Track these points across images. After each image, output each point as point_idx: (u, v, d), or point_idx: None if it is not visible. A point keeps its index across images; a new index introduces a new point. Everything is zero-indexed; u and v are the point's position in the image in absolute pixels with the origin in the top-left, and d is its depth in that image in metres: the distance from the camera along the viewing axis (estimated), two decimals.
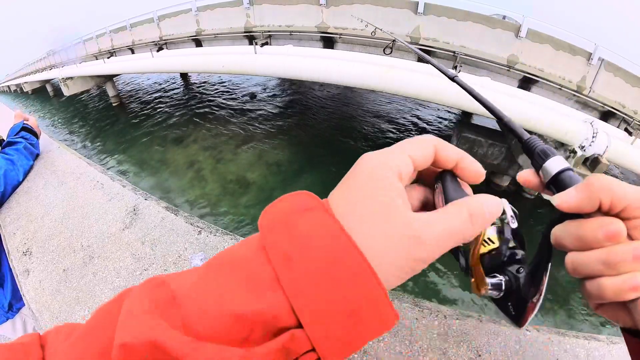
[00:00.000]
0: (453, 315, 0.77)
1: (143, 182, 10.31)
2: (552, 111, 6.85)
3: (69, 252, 1.37)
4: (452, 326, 0.74)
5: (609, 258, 0.33)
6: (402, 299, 0.81)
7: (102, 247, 1.31)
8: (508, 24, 7.39)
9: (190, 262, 1.16)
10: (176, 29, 11.84)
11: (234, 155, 11.25)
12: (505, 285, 0.37)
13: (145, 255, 1.19)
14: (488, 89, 7.01)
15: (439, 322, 0.75)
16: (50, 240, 1.49)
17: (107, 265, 1.23)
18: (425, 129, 14.15)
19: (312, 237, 0.29)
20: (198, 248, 1.14)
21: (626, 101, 7.58)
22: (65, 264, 1.32)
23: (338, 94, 17.55)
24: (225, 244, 1.13)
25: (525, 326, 0.37)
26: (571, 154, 6.63)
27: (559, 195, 0.36)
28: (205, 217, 8.43)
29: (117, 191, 1.65)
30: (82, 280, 1.21)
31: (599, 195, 0.33)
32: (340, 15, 8.52)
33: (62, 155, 2.29)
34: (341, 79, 7.59)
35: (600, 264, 0.33)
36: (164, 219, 1.32)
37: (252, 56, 8.70)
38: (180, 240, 1.19)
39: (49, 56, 24.42)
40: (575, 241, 0.35)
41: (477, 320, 0.76)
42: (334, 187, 0.37)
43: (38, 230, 1.61)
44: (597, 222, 0.33)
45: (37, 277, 1.35)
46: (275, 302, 0.28)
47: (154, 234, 1.27)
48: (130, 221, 1.39)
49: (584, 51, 7.29)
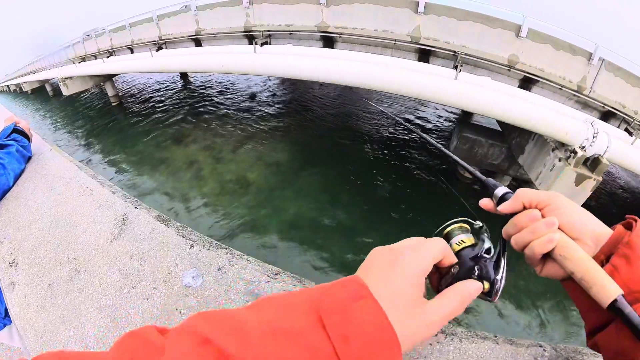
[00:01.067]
0: (468, 337, 0.74)
1: (142, 182, 10.30)
2: (552, 111, 6.86)
3: (55, 264, 1.31)
4: (467, 351, 0.71)
5: (533, 229, 0.57)
6: None
7: (88, 261, 1.25)
8: (508, 23, 7.35)
9: (182, 279, 1.11)
10: (175, 28, 11.79)
11: (234, 155, 11.22)
12: (478, 271, 0.56)
13: (134, 271, 1.13)
14: (488, 89, 7.00)
15: (454, 347, 0.72)
16: (37, 251, 1.43)
17: (93, 281, 1.17)
18: (424, 127, 14.13)
19: (365, 323, 0.37)
20: (190, 264, 1.08)
21: (626, 101, 7.57)
22: (51, 278, 1.26)
23: (338, 94, 17.54)
24: (219, 259, 1.07)
25: (495, 300, 0.55)
26: (571, 154, 6.62)
27: (502, 205, 0.63)
28: (205, 218, 8.39)
29: (106, 198, 1.58)
30: (67, 297, 1.16)
31: (522, 200, 0.60)
32: (340, 15, 8.48)
33: (53, 158, 2.23)
34: (341, 79, 7.57)
35: (529, 234, 0.57)
36: (154, 230, 1.26)
37: (251, 56, 8.66)
38: (171, 255, 1.13)
39: (35, 62, 24.52)
40: (514, 228, 0.60)
41: (493, 343, 0.73)
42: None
43: (25, 239, 1.55)
44: (524, 213, 0.59)
45: (23, 291, 1.29)
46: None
47: (143, 247, 1.20)
48: (118, 232, 1.32)
49: (585, 51, 7.26)
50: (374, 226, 7.91)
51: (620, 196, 11.51)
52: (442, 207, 8.61)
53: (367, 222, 8.08)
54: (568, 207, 0.58)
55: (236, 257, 1.16)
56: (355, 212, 8.45)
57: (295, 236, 7.64)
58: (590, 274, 0.51)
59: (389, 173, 10.30)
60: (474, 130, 9.95)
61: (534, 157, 7.85)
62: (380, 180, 9.90)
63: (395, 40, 8.10)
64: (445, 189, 9.87)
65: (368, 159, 11.10)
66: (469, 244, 0.64)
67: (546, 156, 7.27)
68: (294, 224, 8.08)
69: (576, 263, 0.53)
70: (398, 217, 8.39)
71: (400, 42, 8.09)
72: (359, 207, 8.68)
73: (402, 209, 8.60)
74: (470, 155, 9.76)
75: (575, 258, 0.53)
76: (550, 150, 7.13)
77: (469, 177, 10.33)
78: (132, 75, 24.88)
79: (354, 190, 9.39)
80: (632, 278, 0.49)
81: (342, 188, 9.46)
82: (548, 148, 7.23)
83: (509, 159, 9.42)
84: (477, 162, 9.85)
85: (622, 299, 0.47)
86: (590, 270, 0.51)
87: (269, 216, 8.37)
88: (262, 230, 7.90)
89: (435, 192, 9.60)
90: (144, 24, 12.88)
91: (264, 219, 8.29)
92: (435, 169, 10.88)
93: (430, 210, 8.70)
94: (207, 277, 1.10)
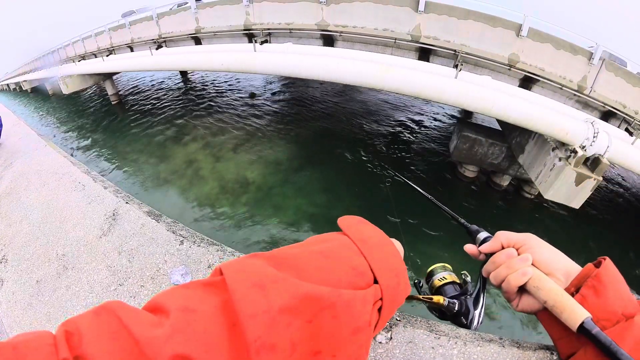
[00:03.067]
0: (473, 340, 0.73)
1: (140, 180, 10.27)
2: (552, 111, 6.83)
3: (44, 261, 1.28)
4: (472, 355, 0.70)
5: (509, 264, 0.65)
6: (415, 325, 0.75)
7: (77, 257, 1.22)
8: (509, 22, 7.33)
9: (170, 277, 1.07)
10: (175, 26, 11.75)
11: (234, 154, 11.20)
12: (458, 307, 0.70)
13: (122, 268, 1.10)
14: (489, 88, 6.98)
15: (459, 351, 0.71)
16: (27, 247, 1.41)
17: (80, 278, 1.14)
18: (422, 124, 14.10)
19: (373, 235, 0.58)
20: (179, 261, 1.05)
21: (627, 101, 7.54)
22: (39, 275, 1.24)
23: (338, 92, 17.52)
24: (210, 256, 1.04)
25: (474, 327, 0.68)
26: (572, 154, 6.60)
27: (483, 245, 0.73)
28: (204, 216, 8.37)
29: (98, 193, 1.56)
30: (54, 294, 1.13)
31: (500, 240, 0.69)
32: (340, 13, 8.45)
33: (48, 154, 2.21)
34: (341, 77, 7.55)
35: (506, 269, 0.65)
36: (144, 226, 1.23)
37: (251, 54, 8.64)
38: (160, 251, 1.10)
39: (35, 60, 24.52)
40: (493, 265, 0.68)
41: (499, 346, 0.72)
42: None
43: (16, 235, 1.53)
44: (502, 252, 0.68)
45: (11, 287, 1.27)
46: (363, 262, 0.52)
47: (132, 243, 1.17)
48: (108, 227, 1.29)
49: (585, 51, 7.23)
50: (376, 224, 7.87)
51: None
52: (438, 211, 8.56)
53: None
54: (541, 246, 0.66)
55: (227, 254, 1.13)
56: (354, 212, 8.43)
57: (294, 234, 7.62)
58: (561, 302, 0.57)
59: (389, 174, 10.30)
60: (474, 129, 9.93)
61: (534, 156, 7.82)
62: (380, 180, 9.88)
63: (396, 39, 8.08)
64: (443, 191, 9.88)
65: (367, 158, 11.08)
66: (450, 281, 0.78)
67: (546, 156, 7.25)
68: (294, 222, 8.07)
69: (548, 293, 0.59)
70: (400, 220, 8.38)
71: (400, 41, 8.07)
72: (358, 207, 8.68)
73: (401, 211, 8.58)
74: (470, 155, 9.74)
75: (547, 288, 0.60)
76: (551, 150, 7.11)
77: (469, 177, 10.31)
78: (132, 73, 24.87)
79: (355, 189, 9.38)
80: (599, 307, 0.55)
81: (343, 187, 9.46)
82: (548, 147, 7.21)
83: (509, 158, 9.39)
84: (477, 162, 9.84)
85: (589, 321, 0.53)
86: (560, 298, 0.57)
87: (269, 215, 8.36)
88: (261, 227, 7.88)
89: (439, 197, 9.57)
90: (143, 23, 12.85)
91: (264, 217, 8.28)
92: (435, 171, 10.88)
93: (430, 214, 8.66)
94: (196, 275, 1.06)
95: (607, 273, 0.58)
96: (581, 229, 9.17)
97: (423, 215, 7.97)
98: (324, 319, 0.43)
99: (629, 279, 7.72)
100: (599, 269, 0.59)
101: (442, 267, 0.83)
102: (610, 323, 0.54)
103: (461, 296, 0.74)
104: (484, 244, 0.72)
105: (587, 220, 9.55)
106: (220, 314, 0.39)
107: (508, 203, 9.86)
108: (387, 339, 0.70)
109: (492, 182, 10.28)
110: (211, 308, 0.40)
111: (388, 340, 0.70)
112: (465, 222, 0.82)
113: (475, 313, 0.71)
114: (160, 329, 0.36)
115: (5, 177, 2.15)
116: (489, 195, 10.09)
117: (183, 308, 0.39)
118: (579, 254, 8.24)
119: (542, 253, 0.64)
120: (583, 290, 0.57)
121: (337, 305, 0.43)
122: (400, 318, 0.76)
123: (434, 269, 0.83)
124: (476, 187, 10.30)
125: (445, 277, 0.79)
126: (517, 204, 9.92)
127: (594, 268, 0.60)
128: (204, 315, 0.39)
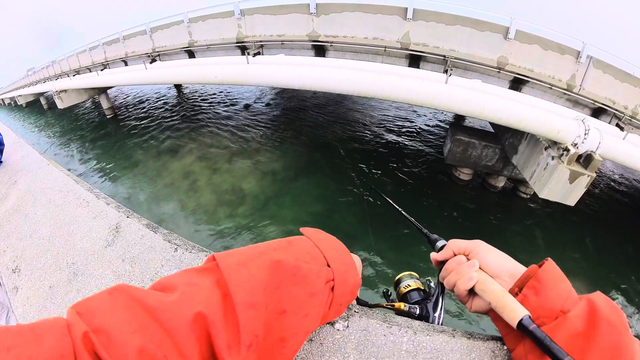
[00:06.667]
0: (424, 330, 0.77)
1: (136, 193, 10.32)
2: (543, 110, 6.90)
3: (55, 269, 1.41)
4: (422, 342, 0.74)
5: (458, 271, 0.73)
6: (371, 316, 0.79)
7: (85, 265, 1.35)
8: (496, 25, 7.43)
9: None
10: (169, 40, 11.87)
11: (230, 165, 11.29)
12: (419, 311, 0.85)
13: (125, 272, 1.23)
14: (479, 92, 7.08)
15: (408, 339, 0.76)
16: (38, 258, 1.54)
17: (89, 282, 1.27)
18: (420, 127, 14.23)
19: (326, 238, 0.74)
20: (174, 265, 1.18)
21: (616, 97, 7.62)
22: (52, 281, 1.36)
23: (331, 101, 17.68)
24: (199, 260, 1.18)
25: None
26: (564, 152, 6.64)
27: (437, 254, 0.81)
28: (202, 227, 8.44)
29: (101, 209, 1.69)
30: (66, 297, 1.26)
31: (452, 248, 0.78)
32: (330, 23, 8.56)
33: (51, 172, 2.34)
34: (333, 87, 7.63)
35: (455, 275, 0.73)
36: (144, 237, 1.36)
37: (244, 66, 8.74)
38: (158, 258, 1.23)
39: (29, 75, 24.71)
40: (446, 272, 0.77)
41: (449, 336, 0.76)
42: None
43: (27, 248, 1.65)
44: (452, 259, 0.77)
45: (25, 293, 1.39)
46: (318, 251, 0.67)
47: (133, 252, 1.31)
48: (112, 239, 1.43)
49: (573, 50, 7.33)
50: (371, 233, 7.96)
51: None
52: (437, 215, 8.68)
53: (362, 229, 8.14)
54: (488, 251, 0.73)
55: None
56: (350, 220, 8.54)
57: None
58: (502, 302, 0.63)
59: (385, 182, 10.41)
60: (467, 132, 10.02)
61: (528, 156, 7.90)
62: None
63: (386, 47, 8.19)
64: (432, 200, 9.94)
65: (362, 168, 11.19)
66: (414, 287, 0.90)
67: (539, 155, 7.31)
68: (291, 231, 8.13)
69: (491, 294, 0.65)
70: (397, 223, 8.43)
71: (390, 49, 8.18)
72: (354, 214, 8.77)
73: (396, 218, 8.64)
74: (464, 158, 9.82)
75: (490, 290, 0.66)
76: (543, 149, 7.17)
77: (464, 180, 10.39)
78: (127, 87, 25.03)
79: (350, 197, 9.48)
80: (539, 305, 0.60)
81: (339, 196, 9.55)
82: (541, 147, 7.27)
83: (503, 159, 9.48)
84: (471, 164, 9.91)
85: (527, 319, 0.58)
86: (502, 299, 0.63)
87: (266, 225, 8.45)
88: (259, 235, 7.95)
89: (431, 206, 9.68)
90: (137, 37, 12.96)
91: (260, 226, 8.36)
92: (430, 175, 10.98)
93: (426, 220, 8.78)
94: None
95: (546, 273, 0.63)
96: (577, 226, 9.26)
97: (405, 227, 8.03)
98: (287, 285, 0.57)
99: (628, 273, 7.69)
100: (539, 269, 0.64)
101: (409, 275, 0.97)
102: (550, 319, 0.59)
103: (423, 301, 0.87)
104: (439, 253, 0.81)
105: (584, 218, 9.64)
106: (215, 287, 0.52)
107: (504, 204, 9.95)
108: (344, 327, 0.78)
109: (488, 183, 10.35)
110: (208, 283, 0.52)
111: (345, 328, 0.78)
112: (427, 231, 0.91)
113: (435, 315, 0.83)
114: (172, 297, 0.48)
115: (11, 194, 2.26)
116: (485, 197, 10.17)
117: (187, 283, 0.52)
118: (573, 251, 8.33)
119: (488, 258, 0.71)
120: (525, 290, 0.63)
121: (297, 274, 0.58)
122: (358, 310, 0.83)
123: (401, 277, 0.97)
124: (472, 190, 10.39)
125: (410, 285, 0.92)
126: (513, 205, 9.99)
127: (537, 268, 0.65)
128: (204, 287, 0.52)
